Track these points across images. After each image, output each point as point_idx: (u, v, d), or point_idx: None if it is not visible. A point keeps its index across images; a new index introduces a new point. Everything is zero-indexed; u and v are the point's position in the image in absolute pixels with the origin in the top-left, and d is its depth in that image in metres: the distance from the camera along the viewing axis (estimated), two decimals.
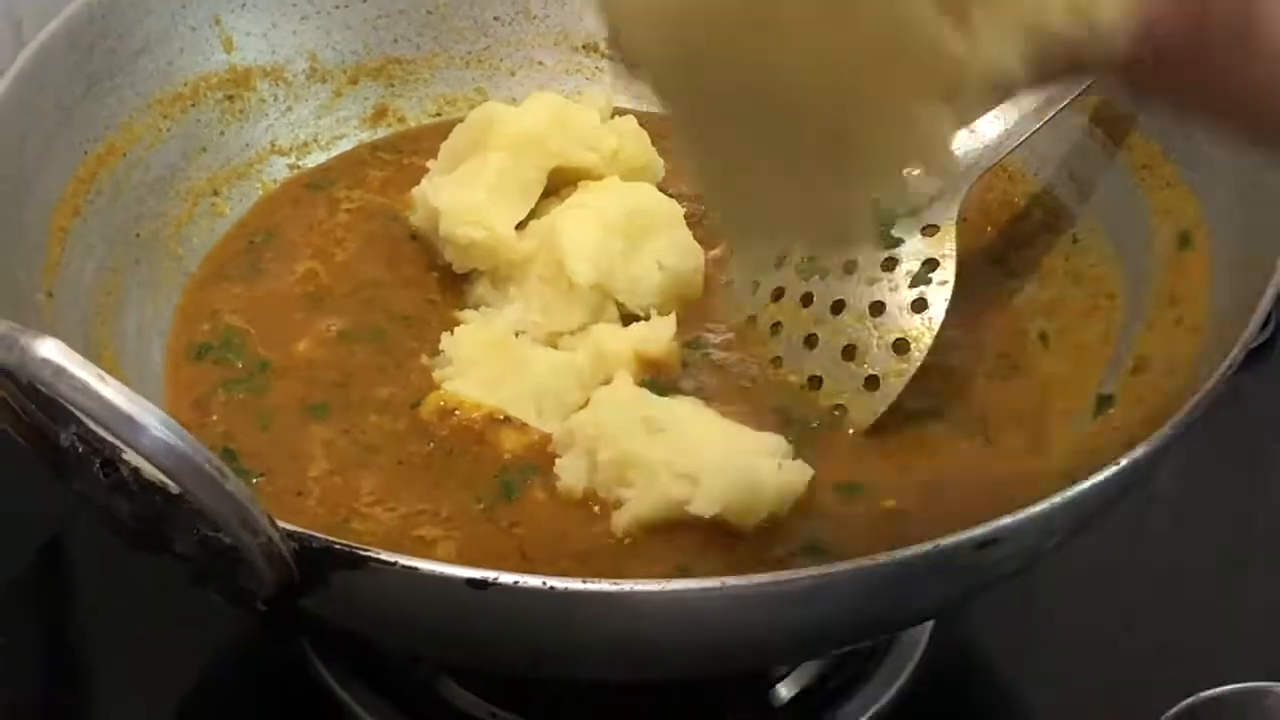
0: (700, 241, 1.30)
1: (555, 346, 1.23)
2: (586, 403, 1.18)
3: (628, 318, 1.26)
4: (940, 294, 1.24)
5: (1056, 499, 0.94)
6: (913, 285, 1.25)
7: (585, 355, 1.21)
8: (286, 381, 1.22)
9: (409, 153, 1.42)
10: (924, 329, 1.23)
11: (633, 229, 1.26)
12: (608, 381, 1.18)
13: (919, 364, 1.22)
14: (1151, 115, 1.27)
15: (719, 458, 1.11)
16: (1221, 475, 1.44)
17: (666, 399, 1.18)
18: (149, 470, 0.89)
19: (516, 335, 1.23)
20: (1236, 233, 1.17)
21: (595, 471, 1.13)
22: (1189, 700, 1.13)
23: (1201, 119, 0.87)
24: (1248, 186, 1.17)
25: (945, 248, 1.25)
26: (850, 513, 1.13)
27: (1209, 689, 1.13)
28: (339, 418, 1.19)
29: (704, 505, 1.09)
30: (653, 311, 1.25)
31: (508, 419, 1.18)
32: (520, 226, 1.28)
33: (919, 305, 1.24)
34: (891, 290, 1.24)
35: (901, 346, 1.23)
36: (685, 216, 1.30)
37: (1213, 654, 1.29)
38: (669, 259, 1.28)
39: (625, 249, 1.25)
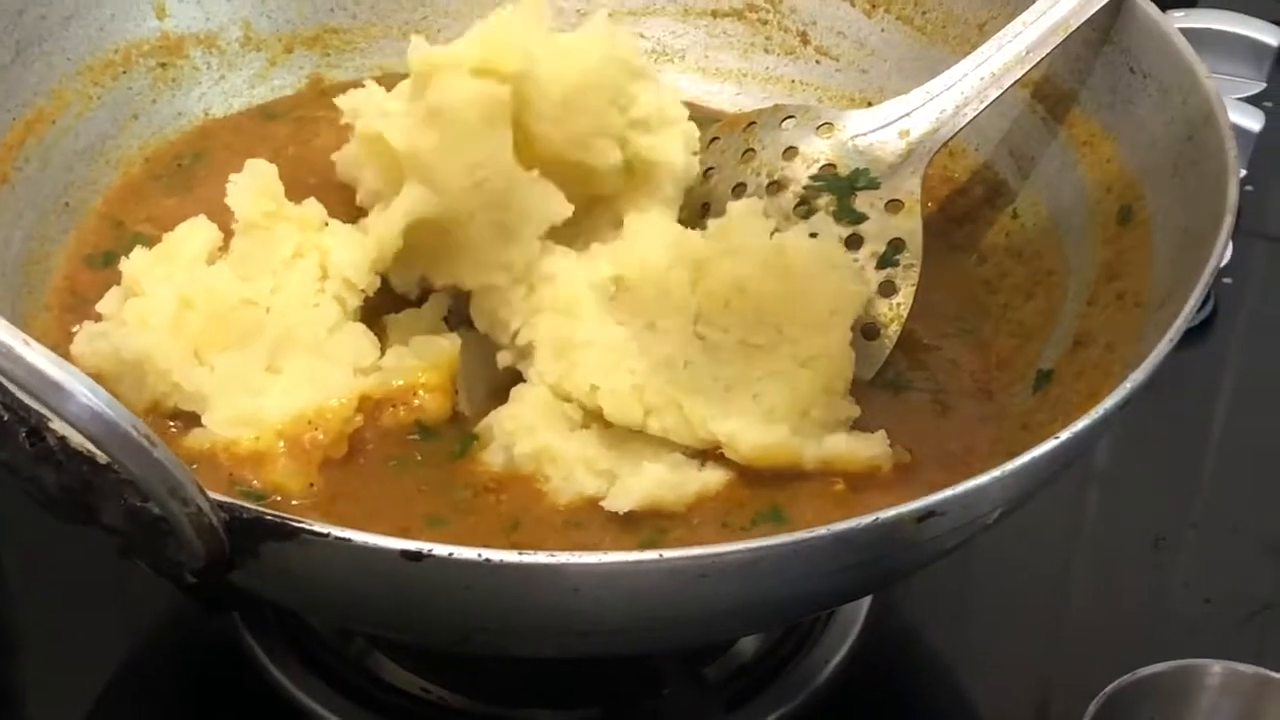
0: None
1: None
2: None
3: None
4: (908, 277, 1.22)
5: (994, 473, 0.94)
6: (879, 267, 1.23)
7: None
8: None
9: None
10: (893, 314, 1.22)
11: None
12: None
13: (889, 351, 1.20)
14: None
15: (640, 453, 1.10)
16: (1158, 452, 1.44)
17: None
18: (76, 439, 0.87)
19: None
20: (1176, 208, 1.17)
21: (513, 463, 1.11)
22: (1126, 677, 1.13)
23: None
24: (1186, 163, 1.18)
25: (910, 224, 1.24)
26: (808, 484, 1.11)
27: (1146, 666, 1.13)
28: None
29: (618, 502, 1.07)
30: None
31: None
32: None
33: (887, 289, 1.22)
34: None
35: (870, 332, 1.21)
36: None
37: (1150, 632, 1.30)
38: None
39: None
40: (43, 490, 0.91)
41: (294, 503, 1.07)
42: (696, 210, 1.27)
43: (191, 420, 1.11)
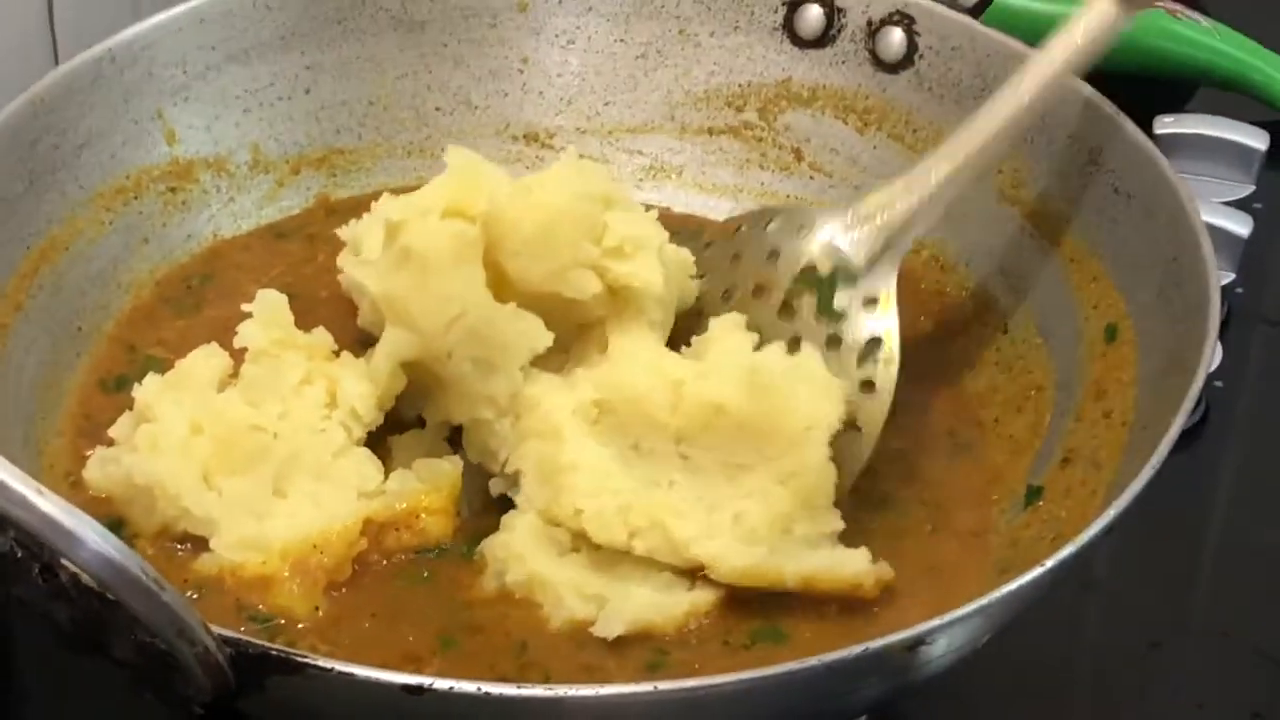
0: None
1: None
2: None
3: None
4: (888, 373, 1.23)
5: (981, 601, 0.96)
6: (859, 365, 1.24)
7: None
8: None
9: None
10: (876, 410, 1.22)
11: None
12: None
13: (870, 451, 1.21)
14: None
15: (629, 575, 1.12)
16: (1152, 557, 1.45)
17: None
18: (86, 577, 0.89)
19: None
20: (1160, 329, 1.20)
21: (506, 589, 1.13)
22: None
23: None
24: (1170, 284, 1.20)
25: (887, 321, 1.25)
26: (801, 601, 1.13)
27: None
28: None
29: (608, 627, 1.09)
30: None
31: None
32: None
33: (867, 387, 1.23)
34: (838, 374, 1.21)
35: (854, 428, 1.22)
36: None
37: None
38: None
39: None
40: (56, 624, 0.94)
41: (300, 625, 1.10)
42: (693, 319, 1.29)
43: (200, 544, 1.13)
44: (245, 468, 1.14)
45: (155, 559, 1.11)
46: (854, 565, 1.13)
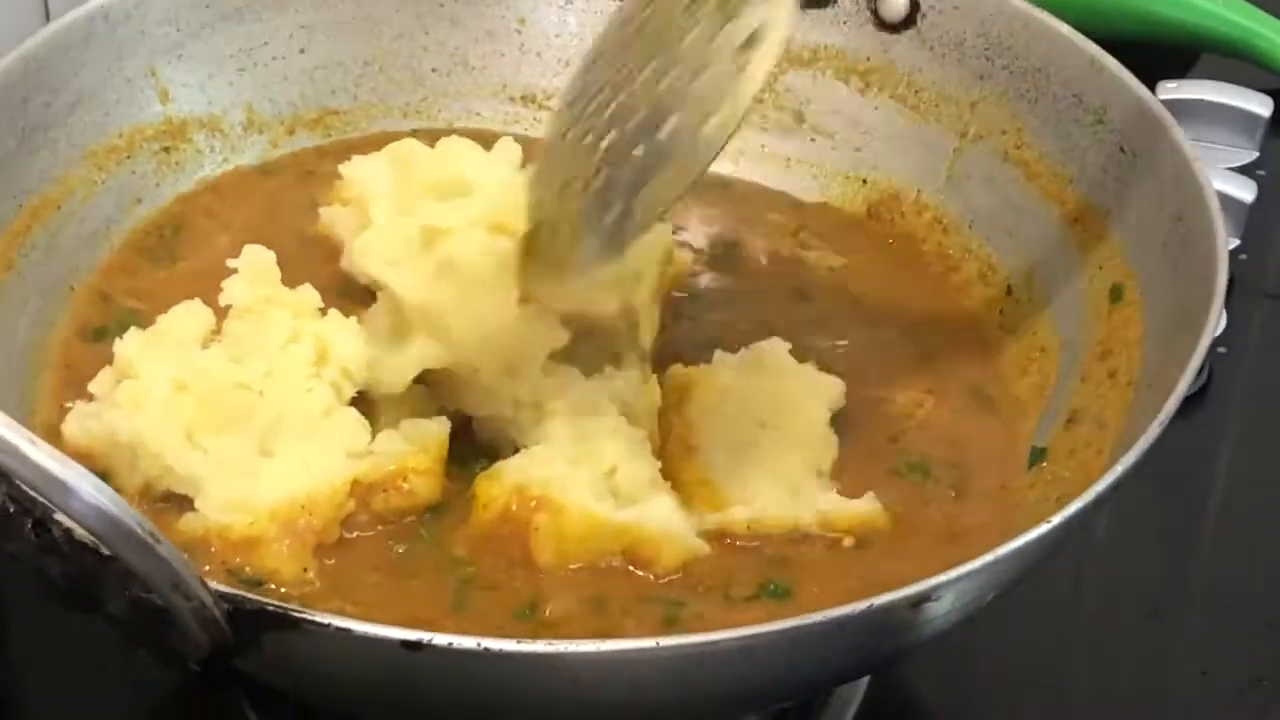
0: None
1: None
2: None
3: None
4: (759, 60, 1.05)
5: (988, 558, 0.95)
6: (740, 52, 1.06)
7: None
8: None
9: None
10: (742, 91, 1.04)
11: None
12: None
13: (733, 128, 1.05)
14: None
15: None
16: (1154, 523, 1.45)
17: None
18: (80, 531, 0.88)
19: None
20: (1165, 289, 1.19)
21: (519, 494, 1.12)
22: None
23: None
24: (1176, 243, 1.19)
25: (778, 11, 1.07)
26: (812, 552, 1.13)
27: None
28: None
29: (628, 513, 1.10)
30: None
31: None
32: None
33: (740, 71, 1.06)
34: (713, 61, 1.06)
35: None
36: None
37: (1146, 705, 1.30)
38: None
39: None
40: (48, 580, 0.92)
41: (287, 590, 1.08)
42: None
43: (184, 503, 1.11)
44: (230, 426, 1.12)
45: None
46: (866, 504, 1.15)
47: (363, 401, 1.18)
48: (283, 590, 1.08)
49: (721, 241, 1.41)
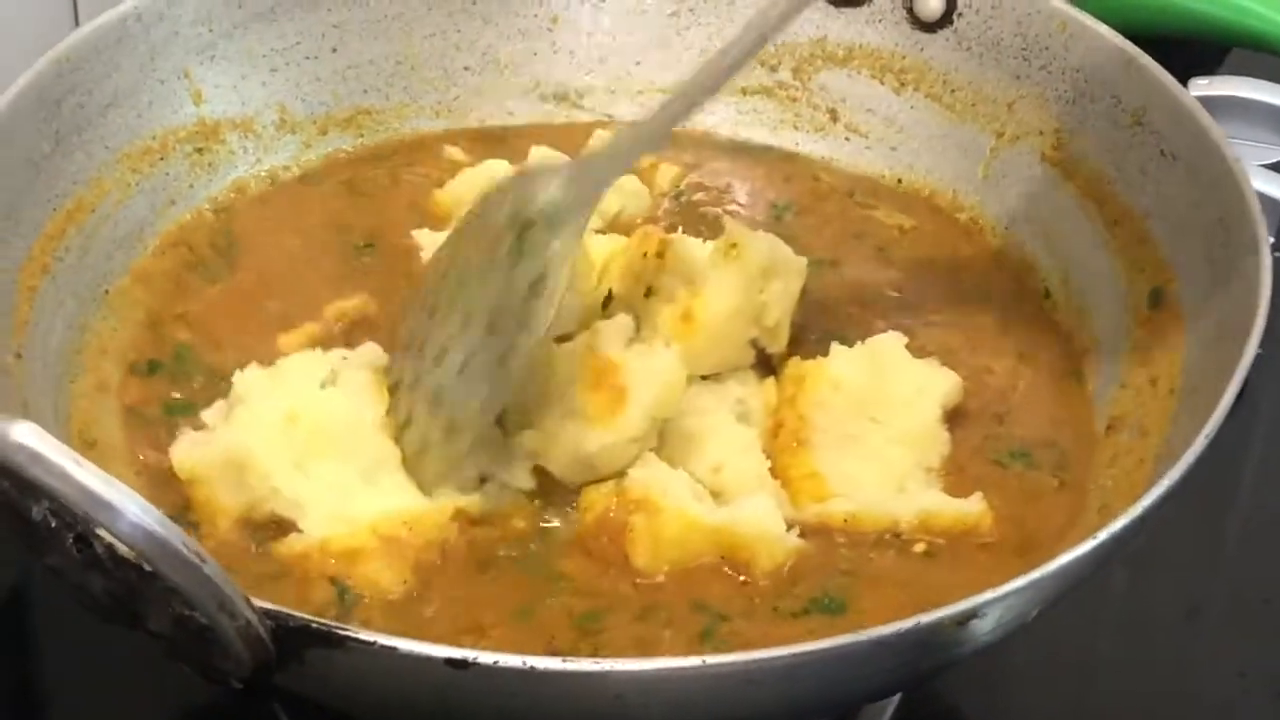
0: None
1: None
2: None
3: None
4: (541, 309, 1.12)
5: (1034, 575, 0.95)
6: (530, 297, 1.13)
7: None
8: None
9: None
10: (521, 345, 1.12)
11: None
12: None
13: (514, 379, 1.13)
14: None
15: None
16: (1189, 524, 1.44)
17: None
18: (123, 548, 0.88)
19: None
20: (1207, 293, 1.18)
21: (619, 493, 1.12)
22: None
23: None
24: (1217, 246, 1.18)
25: (557, 251, 1.13)
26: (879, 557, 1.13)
27: None
28: None
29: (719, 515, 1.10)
30: None
31: None
32: None
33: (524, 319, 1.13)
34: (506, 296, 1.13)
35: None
36: None
37: (1183, 708, 1.29)
38: None
39: None
40: (90, 595, 0.92)
41: (381, 600, 1.08)
42: None
43: (285, 528, 1.11)
44: (339, 457, 1.13)
45: (237, 543, 1.11)
46: (970, 505, 1.14)
47: None
48: (381, 600, 1.08)
49: (783, 205, 1.41)
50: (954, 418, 1.21)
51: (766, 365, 1.23)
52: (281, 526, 1.11)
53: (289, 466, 1.12)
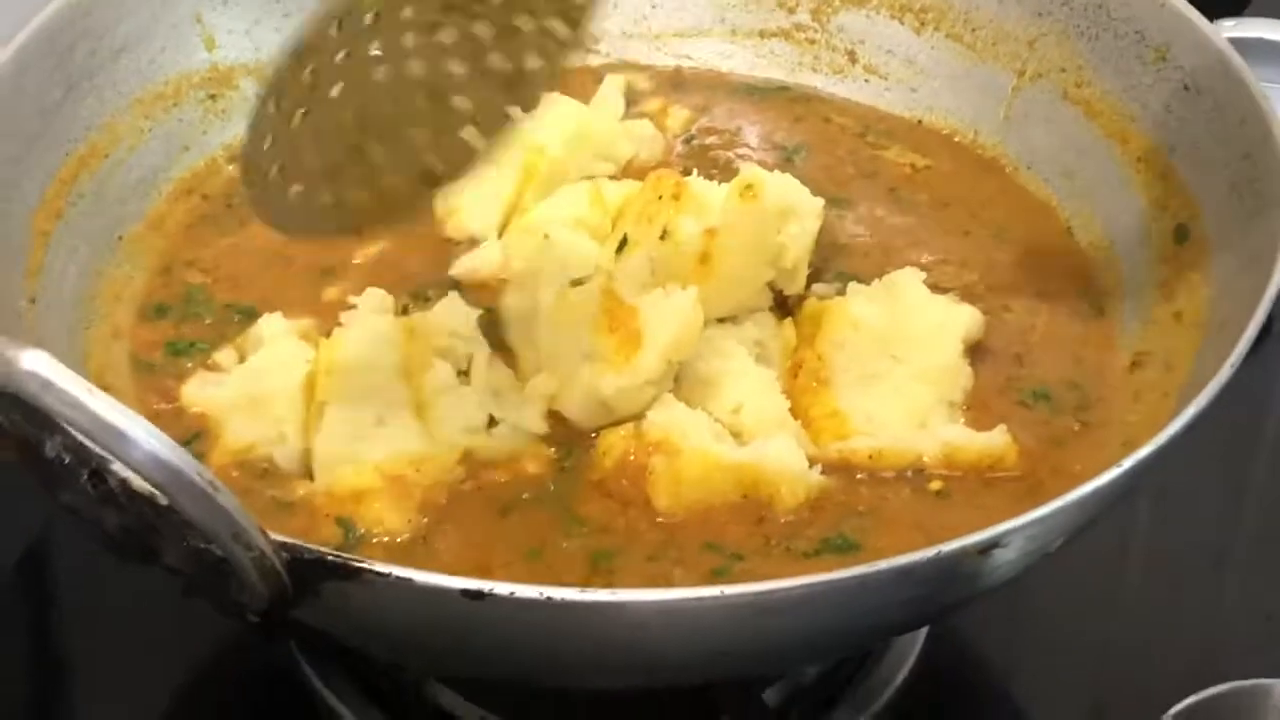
0: None
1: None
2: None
3: None
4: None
5: (1058, 503, 0.94)
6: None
7: None
8: None
9: None
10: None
11: None
12: None
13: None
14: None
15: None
16: (1216, 467, 1.43)
17: None
18: (138, 481, 0.87)
19: None
20: (1233, 227, 1.17)
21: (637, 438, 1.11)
22: (1188, 700, 1.11)
23: None
24: (1243, 181, 1.17)
25: None
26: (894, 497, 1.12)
27: (1208, 688, 1.12)
28: None
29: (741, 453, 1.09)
30: None
31: None
32: None
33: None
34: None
35: None
36: None
37: (1211, 652, 1.28)
38: None
39: None
40: (105, 531, 0.91)
41: (399, 539, 1.08)
42: None
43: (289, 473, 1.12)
44: (352, 401, 1.12)
45: (240, 481, 1.10)
46: (994, 438, 1.12)
47: None
48: (392, 540, 1.07)
49: (793, 147, 1.40)
50: (975, 355, 1.19)
51: (784, 307, 1.22)
52: (284, 473, 1.11)
53: (301, 406, 1.12)
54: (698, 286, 1.14)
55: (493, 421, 1.14)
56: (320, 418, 1.12)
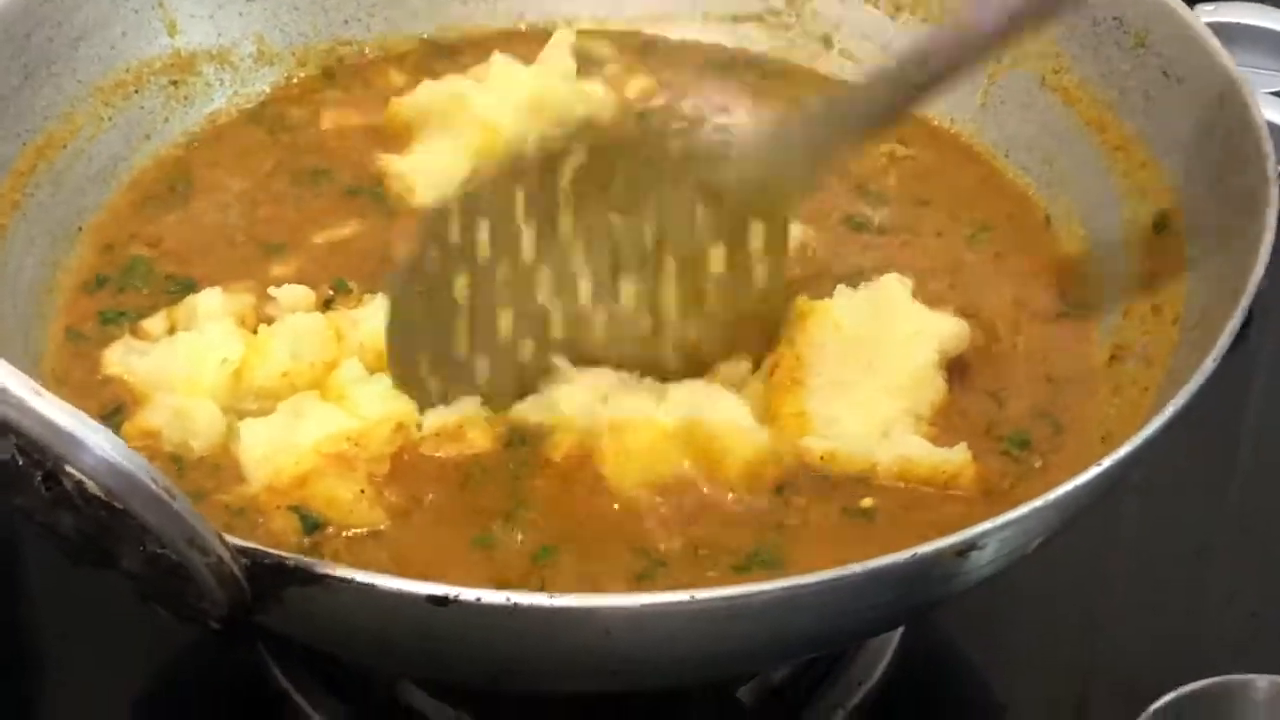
0: None
1: None
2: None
3: None
4: None
5: (1035, 503, 0.92)
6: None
7: None
8: None
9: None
10: None
11: None
12: None
13: None
14: None
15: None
16: (1197, 460, 1.41)
17: None
18: (92, 485, 0.85)
19: None
20: (1212, 218, 1.15)
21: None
22: (1170, 695, 1.10)
23: None
24: (1223, 170, 1.15)
25: None
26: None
27: (1190, 683, 1.11)
28: None
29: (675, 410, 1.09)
30: None
31: None
32: None
33: None
34: None
35: None
36: None
37: (1193, 646, 1.27)
38: None
39: None
40: (60, 535, 0.89)
41: (360, 532, 1.06)
42: None
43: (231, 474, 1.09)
44: (272, 397, 1.12)
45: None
46: (953, 455, 1.09)
47: None
48: (360, 532, 1.06)
49: None
50: (955, 366, 1.17)
51: None
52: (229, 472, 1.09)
53: (219, 410, 1.11)
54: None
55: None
56: (240, 420, 1.10)
